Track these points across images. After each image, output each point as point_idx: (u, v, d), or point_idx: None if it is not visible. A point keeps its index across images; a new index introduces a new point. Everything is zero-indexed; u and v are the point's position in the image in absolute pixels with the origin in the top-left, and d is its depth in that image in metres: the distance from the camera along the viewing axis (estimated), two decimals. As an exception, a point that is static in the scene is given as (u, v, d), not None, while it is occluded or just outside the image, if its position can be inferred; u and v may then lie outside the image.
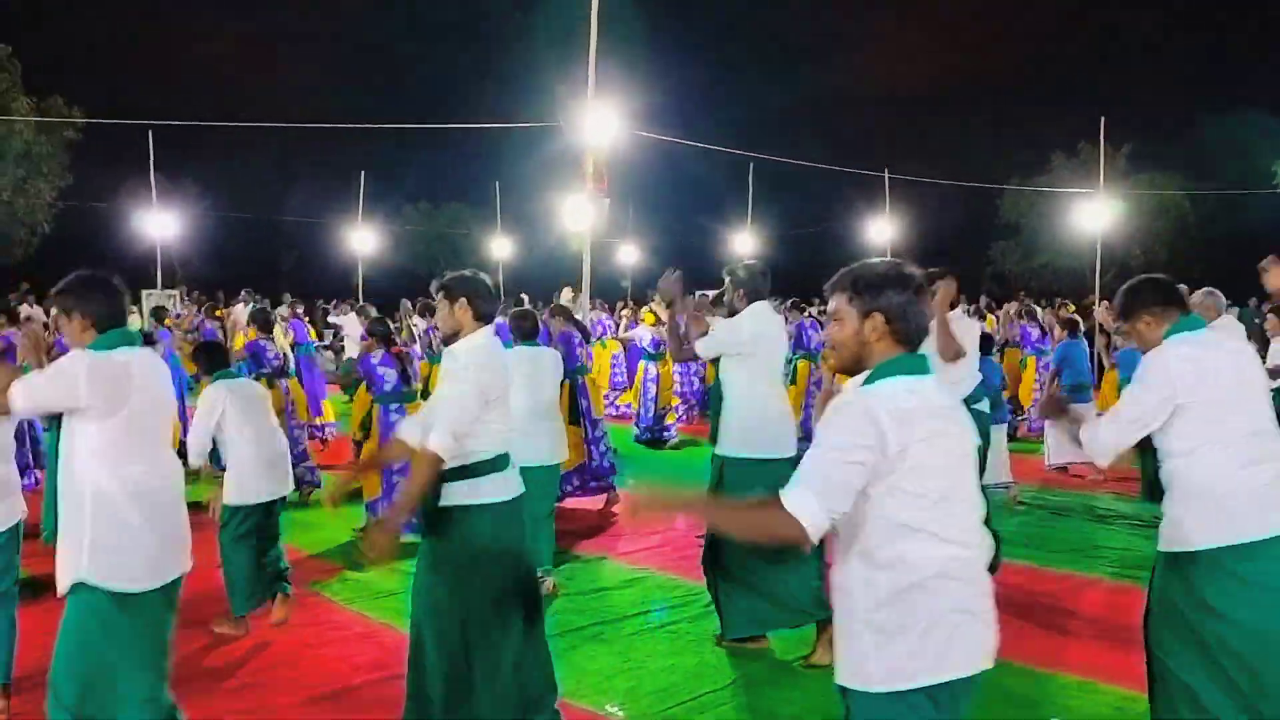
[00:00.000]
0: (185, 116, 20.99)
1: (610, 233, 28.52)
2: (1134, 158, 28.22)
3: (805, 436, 7.27)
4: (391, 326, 8.00)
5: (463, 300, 3.72)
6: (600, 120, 11.18)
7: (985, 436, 5.73)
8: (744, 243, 25.16)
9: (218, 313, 12.70)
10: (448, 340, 3.83)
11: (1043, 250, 29.52)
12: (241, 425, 5.26)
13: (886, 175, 23.22)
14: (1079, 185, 23.78)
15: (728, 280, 5.14)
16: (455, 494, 3.54)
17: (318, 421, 11.13)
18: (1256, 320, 10.98)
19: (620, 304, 18.48)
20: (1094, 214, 19.40)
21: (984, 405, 5.89)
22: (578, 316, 9.80)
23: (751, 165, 23.87)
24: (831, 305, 2.49)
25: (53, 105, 25.05)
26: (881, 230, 23.84)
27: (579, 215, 11.49)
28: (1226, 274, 13.14)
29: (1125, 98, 28.95)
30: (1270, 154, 22.56)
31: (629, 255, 29.91)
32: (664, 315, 9.98)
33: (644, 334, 11.79)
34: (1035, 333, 11.84)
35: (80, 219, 28.21)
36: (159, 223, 20.18)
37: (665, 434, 11.47)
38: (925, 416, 2.30)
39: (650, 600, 5.91)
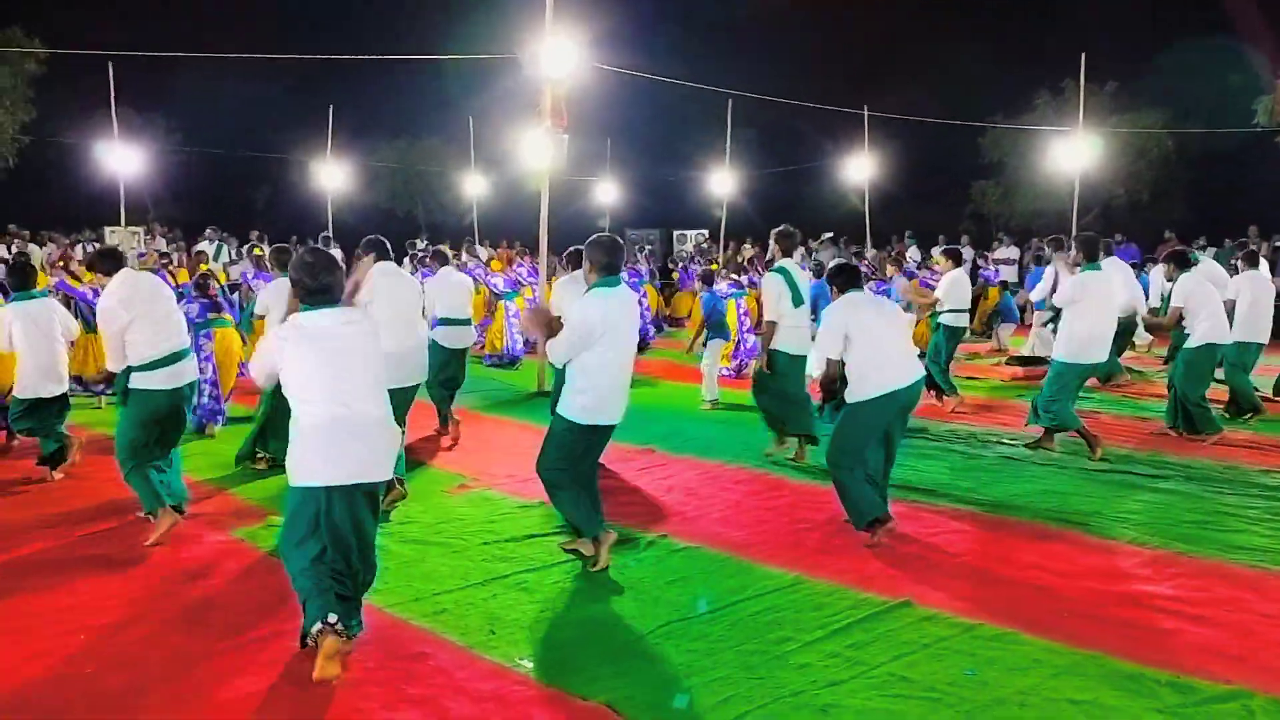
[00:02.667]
0: (153, 48, 20.31)
1: (586, 170, 28.09)
2: (1118, 95, 27.72)
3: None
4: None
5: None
6: (558, 52, 10.81)
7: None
8: (722, 181, 24.73)
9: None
10: None
11: (1024, 190, 29.12)
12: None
13: (865, 112, 22.76)
14: (1062, 124, 23.37)
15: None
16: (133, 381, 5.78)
17: None
18: (1232, 261, 11.25)
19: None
20: (1072, 153, 19.08)
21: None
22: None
23: (730, 102, 23.33)
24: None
25: (12, 36, 24.31)
26: (861, 168, 23.45)
27: (537, 152, 11.17)
28: (1207, 215, 12.97)
29: (1109, 34, 28.33)
30: (1250, 92, 22.15)
31: (607, 193, 29.41)
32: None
33: (499, 280, 15.02)
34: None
35: (45, 154, 27.60)
36: (121, 157, 19.66)
37: (518, 358, 13.94)
38: (315, 331, 4.11)
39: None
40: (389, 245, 6.95)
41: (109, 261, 6.07)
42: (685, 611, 4.81)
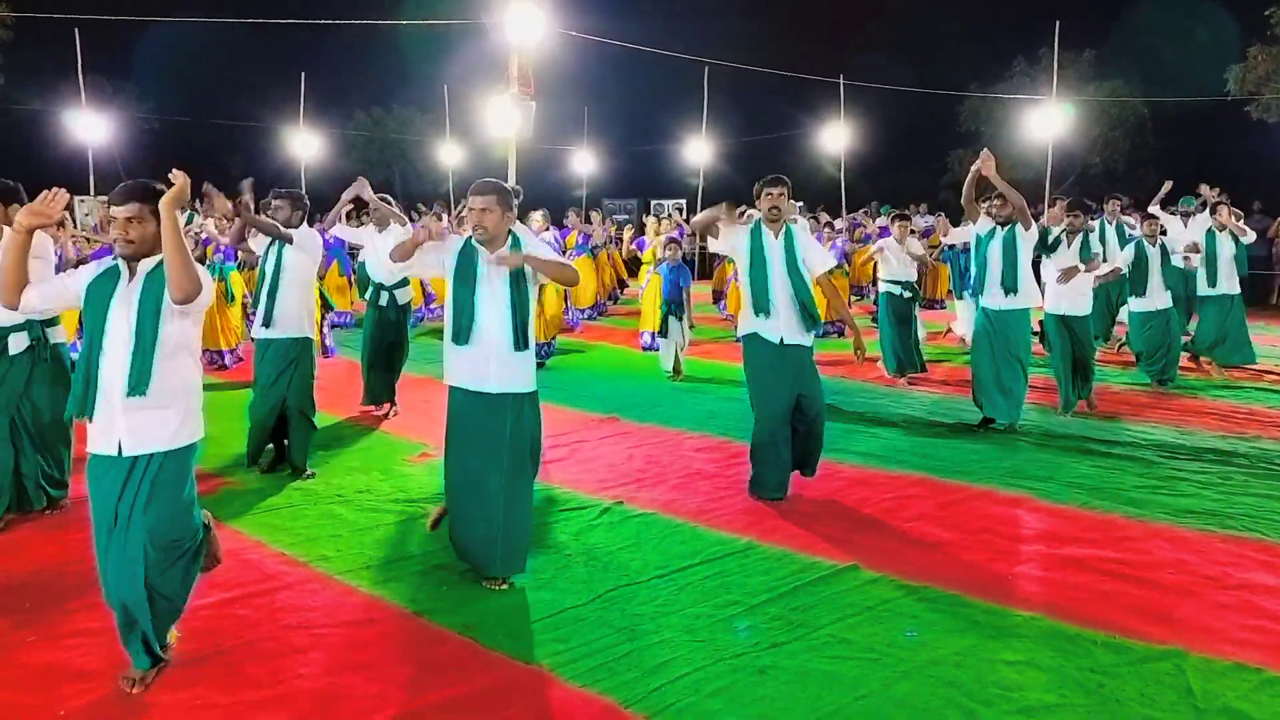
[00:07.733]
0: (121, 14, 19.97)
1: (562, 139, 27.90)
2: (1095, 64, 27.74)
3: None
4: None
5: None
6: (523, 18, 10.72)
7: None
8: (699, 150, 24.64)
9: None
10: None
11: (1000, 158, 29.06)
12: None
13: (841, 81, 22.69)
14: (1038, 93, 23.37)
15: None
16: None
17: None
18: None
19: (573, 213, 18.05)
20: (1045, 121, 19.11)
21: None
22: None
23: (706, 70, 23.20)
24: None
25: (-24, 0, 23.92)
26: (836, 137, 23.40)
27: (504, 119, 11.10)
28: (1180, 183, 13.12)
29: (1086, 2, 28.28)
30: (1220, 56, 22.22)
31: (585, 163, 29.25)
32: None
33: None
34: None
35: (14, 122, 27.24)
36: (89, 125, 19.43)
37: None
38: None
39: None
40: None
41: None
42: (633, 576, 4.84)
